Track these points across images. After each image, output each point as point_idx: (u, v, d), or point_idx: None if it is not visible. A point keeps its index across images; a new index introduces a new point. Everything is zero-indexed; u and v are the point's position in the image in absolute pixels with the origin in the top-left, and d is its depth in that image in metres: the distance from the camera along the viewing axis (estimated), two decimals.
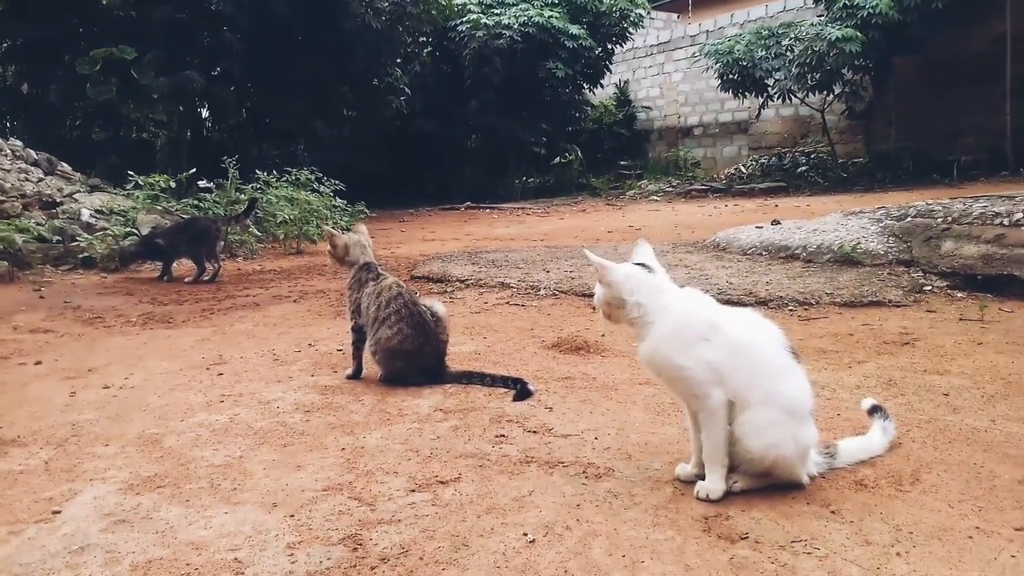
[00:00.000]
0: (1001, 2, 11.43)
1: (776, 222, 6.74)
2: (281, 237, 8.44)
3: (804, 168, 14.00)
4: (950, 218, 5.01)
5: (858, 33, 11.23)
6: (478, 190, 15.47)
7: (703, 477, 1.98)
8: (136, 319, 4.78)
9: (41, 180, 8.80)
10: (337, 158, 13.72)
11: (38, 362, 3.70)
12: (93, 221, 7.70)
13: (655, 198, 13.87)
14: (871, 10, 11.20)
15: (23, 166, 9.02)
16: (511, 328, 4.13)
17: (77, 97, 11.99)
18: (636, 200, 13.91)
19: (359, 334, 3.23)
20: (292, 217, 8.31)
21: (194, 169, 8.84)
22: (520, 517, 1.89)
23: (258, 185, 8.80)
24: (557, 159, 16.47)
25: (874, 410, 2.27)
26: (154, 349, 3.94)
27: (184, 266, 6.69)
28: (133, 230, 7.37)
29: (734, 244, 6.18)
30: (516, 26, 14.72)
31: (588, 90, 17.04)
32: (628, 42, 17.03)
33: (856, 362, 3.22)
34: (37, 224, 7.32)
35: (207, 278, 6.29)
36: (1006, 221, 4.68)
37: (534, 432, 2.51)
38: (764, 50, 12.79)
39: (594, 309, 2.17)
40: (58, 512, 1.99)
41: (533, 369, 3.29)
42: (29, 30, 11.91)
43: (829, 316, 4.08)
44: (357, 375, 3.25)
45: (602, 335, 3.79)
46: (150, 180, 8.32)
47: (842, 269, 5.07)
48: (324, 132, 14.10)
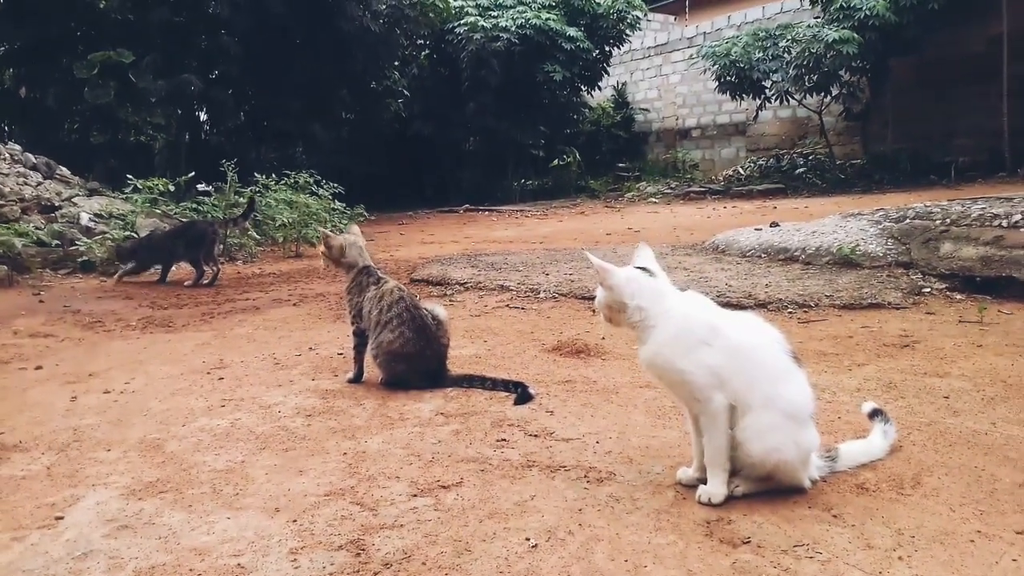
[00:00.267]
0: (997, 3, 11.46)
1: (775, 224, 6.75)
2: (280, 240, 8.44)
3: (802, 170, 14.02)
4: (948, 220, 5.02)
5: (855, 35, 11.26)
6: (476, 192, 15.48)
7: (705, 481, 1.99)
8: (136, 323, 4.78)
9: (40, 184, 8.79)
10: (335, 161, 13.73)
11: (39, 367, 3.70)
12: (92, 225, 7.70)
13: (653, 200, 13.88)
14: (868, 11, 11.23)
15: (22, 170, 9.01)
16: (511, 331, 4.14)
17: (75, 101, 11.96)
18: (634, 202, 13.92)
19: (360, 338, 3.23)
20: (291, 220, 8.31)
21: (193, 173, 8.83)
22: (522, 522, 1.89)
23: (257, 188, 8.79)
24: (555, 161, 16.48)
25: (875, 414, 2.28)
26: (154, 353, 3.94)
27: (183, 269, 6.68)
28: (132, 233, 7.37)
29: (733, 246, 6.19)
30: (513, 28, 14.73)
31: (586, 92, 17.05)
32: (625, 44, 17.05)
33: (856, 365, 3.22)
34: (36, 228, 7.32)
35: (206, 281, 6.29)
36: (1004, 223, 4.69)
37: (535, 436, 2.51)
38: (761, 52, 12.81)
39: (595, 312, 2.18)
40: (61, 518, 1.99)
41: (534, 372, 3.29)
42: (27, 33, 11.90)
43: (829, 318, 4.09)
44: (358, 379, 3.25)
45: (602, 338, 3.80)
46: (149, 184, 8.32)
47: (841, 271, 5.08)
48: (322, 135, 14.11)
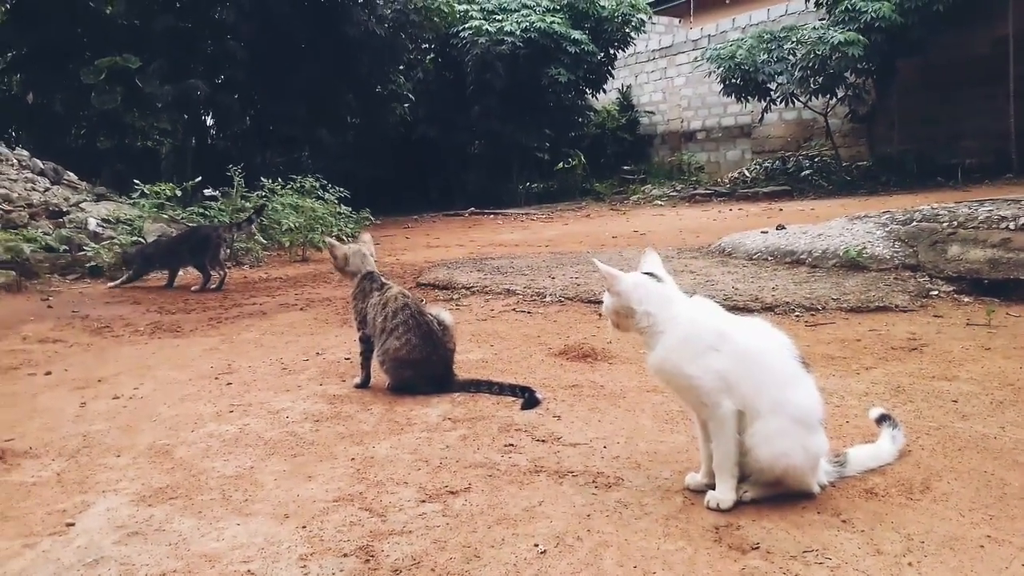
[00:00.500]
0: (1003, 5, 11.43)
1: (781, 227, 6.74)
2: (287, 245, 8.46)
3: (808, 172, 14.00)
4: (956, 222, 5.01)
5: (860, 36, 11.25)
6: (482, 195, 15.50)
7: (713, 486, 1.98)
8: (144, 328, 4.80)
9: (48, 189, 8.84)
10: (341, 165, 13.78)
11: (48, 372, 3.72)
12: (100, 230, 7.74)
13: (659, 203, 13.87)
14: (873, 13, 11.22)
15: (30, 176, 9.07)
16: (517, 335, 4.14)
17: (82, 106, 12.05)
18: (640, 205, 13.92)
19: (367, 344, 3.24)
20: (297, 225, 8.33)
21: (199, 178, 8.87)
22: (531, 528, 1.89)
23: (263, 193, 8.82)
24: (560, 164, 16.50)
25: (882, 419, 2.27)
26: (163, 359, 3.96)
27: (191, 274, 6.71)
28: (139, 239, 7.40)
29: (739, 249, 6.18)
30: (518, 32, 14.76)
31: (591, 95, 17.07)
32: (630, 47, 17.07)
33: (864, 368, 3.22)
34: (44, 234, 7.36)
35: (213, 286, 6.31)
36: (1012, 225, 4.68)
37: (543, 441, 2.51)
38: (766, 54, 12.81)
39: (601, 316, 2.18)
40: (72, 524, 2.00)
41: (540, 377, 3.30)
42: (33, 39, 12.00)
43: (836, 321, 4.08)
44: (365, 384, 3.26)
45: (609, 342, 3.80)
46: (156, 189, 8.36)
47: (848, 274, 5.07)
48: (328, 139, 14.16)
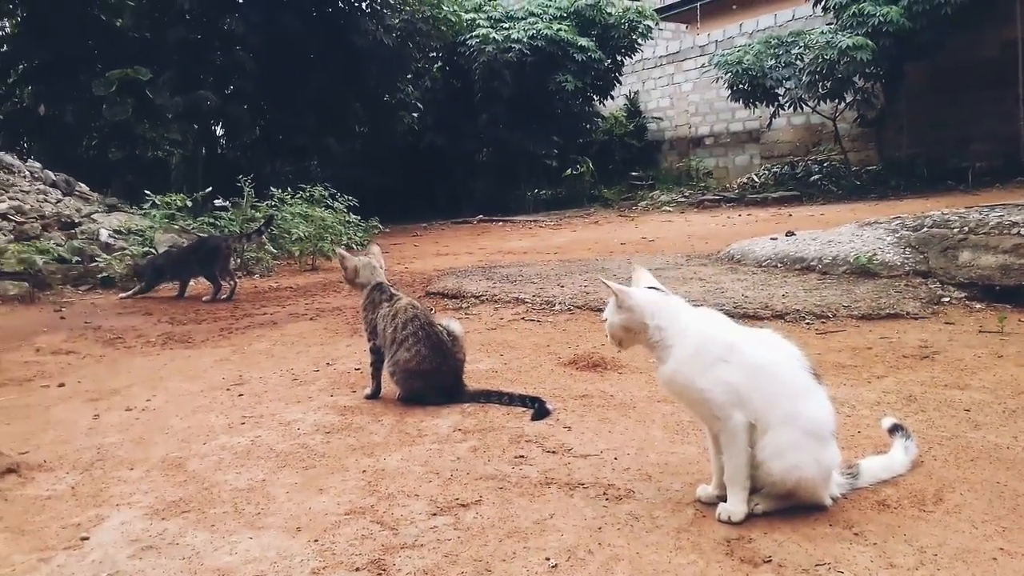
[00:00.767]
0: (1011, 8, 11.39)
1: (790, 233, 6.72)
2: (296, 254, 8.50)
3: (817, 177, 13.95)
4: (967, 228, 4.98)
5: (869, 41, 11.21)
6: (490, 203, 15.52)
7: (724, 499, 1.98)
8: (156, 339, 4.83)
9: (60, 201, 8.92)
10: (350, 174, 13.84)
11: (61, 384, 3.75)
12: (111, 241, 7.80)
13: (667, 209, 13.86)
14: (881, 18, 11.18)
15: (42, 187, 9.15)
16: (527, 345, 4.14)
17: (93, 117, 12.16)
18: (648, 211, 13.91)
19: (377, 355, 3.25)
20: (307, 234, 8.37)
21: (210, 188, 8.93)
22: (542, 541, 1.90)
23: (273, 202, 8.88)
24: (568, 171, 16.49)
25: (895, 429, 2.26)
26: (174, 370, 3.98)
27: (202, 284, 6.74)
28: (151, 249, 7.45)
29: (749, 256, 6.17)
30: (525, 39, 14.80)
31: (598, 102, 17.08)
32: (637, 53, 17.08)
33: (875, 377, 3.20)
34: (57, 245, 7.42)
35: (224, 296, 6.35)
36: (1023, 231, 4.65)
37: (553, 452, 2.52)
38: (774, 59, 12.78)
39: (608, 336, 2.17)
40: (86, 538, 2.01)
41: (550, 387, 3.30)
42: (45, 52, 12.13)
43: (847, 329, 4.07)
44: (376, 395, 3.27)
45: (618, 351, 3.79)
46: (167, 199, 8.42)
47: (858, 281, 5.05)
48: (336, 148, 14.24)
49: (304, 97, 13.32)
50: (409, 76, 15.50)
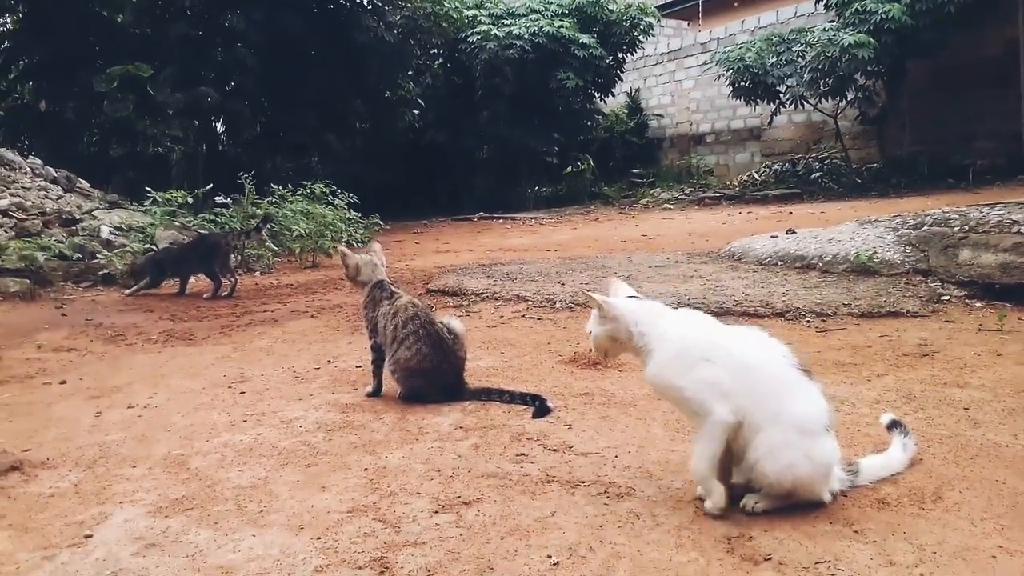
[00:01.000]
0: (1013, 6, 11.37)
1: (791, 231, 6.72)
2: (297, 251, 8.50)
3: (818, 174, 13.95)
4: (967, 226, 4.98)
5: (871, 39, 11.19)
6: (490, 200, 15.51)
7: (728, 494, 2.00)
8: (157, 336, 4.84)
9: (61, 197, 8.92)
10: (350, 170, 13.82)
11: (63, 381, 3.76)
12: (112, 238, 7.80)
13: (668, 206, 13.85)
14: (883, 15, 11.16)
15: (43, 184, 9.16)
16: (528, 343, 4.15)
17: (94, 114, 12.15)
18: (649, 208, 13.90)
19: (378, 352, 3.26)
20: (308, 231, 8.37)
21: (211, 185, 8.93)
22: (543, 539, 1.91)
23: (274, 199, 8.88)
24: (569, 168, 16.48)
25: (893, 425, 2.27)
26: (176, 367, 3.99)
27: (203, 281, 6.75)
28: (152, 246, 7.46)
29: (749, 254, 6.18)
30: (527, 36, 14.78)
31: (599, 99, 17.05)
32: (639, 50, 17.04)
33: (875, 375, 3.21)
34: (58, 241, 7.41)
35: (224, 293, 6.35)
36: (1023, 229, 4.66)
37: (554, 450, 2.53)
38: (775, 56, 12.76)
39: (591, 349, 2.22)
40: (90, 536, 2.02)
41: (551, 385, 3.31)
42: (46, 48, 12.11)
43: (847, 327, 4.08)
44: (377, 392, 3.28)
45: None
46: (167, 196, 8.42)
47: (859, 279, 5.06)
48: (337, 145, 14.21)
49: (305, 94, 13.30)
50: (410, 73, 15.47)
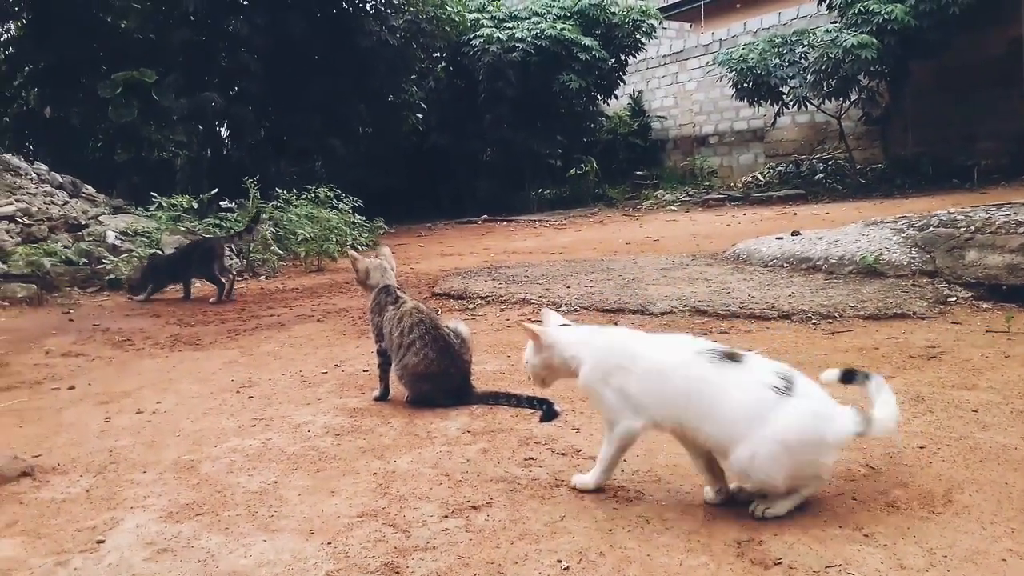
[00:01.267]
0: (1016, 6, 11.37)
1: (796, 233, 6.72)
2: (302, 255, 8.52)
3: (822, 175, 13.95)
4: (973, 227, 4.98)
5: (874, 39, 11.19)
6: (494, 203, 15.53)
7: (729, 495, 2.03)
8: (164, 341, 4.86)
9: (66, 203, 8.95)
10: (354, 174, 13.85)
11: (71, 387, 3.78)
12: (118, 243, 7.83)
13: (672, 208, 13.86)
14: (886, 16, 11.16)
15: (49, 189, 9.19)
16: None
17: (99, 119, 12.19)
18: (653, 210, 13.91)
19: (384, 357, 3.27)
20: (312, 235, 8.40)
21: (215, 189, 8.96)
22: (553, 543, 1.91)
23: (279, 203, 8.91)
24: (572, 170, 16.49)
25: (848, 376, 2.17)
26: (184, 372, 4.01)
27: (208, 287, 6.77)
28: (158, 251, 7.48)
29: (754, 256, 6.18)
30: (529, 39, 14.81)
31: (602, 101, 17.08)
32: (641, 53, 17.07)
33: (883, 377, 3.20)
34: (64, 247, 7.45)
35: (213, 299, 6.39)
36: None
37: (563, 454, 2.53)
38: (778, 58, 12.77)
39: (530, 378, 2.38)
40: (102, 541, 2.03)
41: (558, 388, 3.29)
42: (51, 54, 12.16)
43: (853, 329, 4.07)
44: (384, 397, 3.29)
45: None
46: (172, 201, 8.46)
47: (865, 281, 5.05)
48: (341, 149, 14.25)
49: (309, 98, 13.34)
50: (413, 77, 15.51)
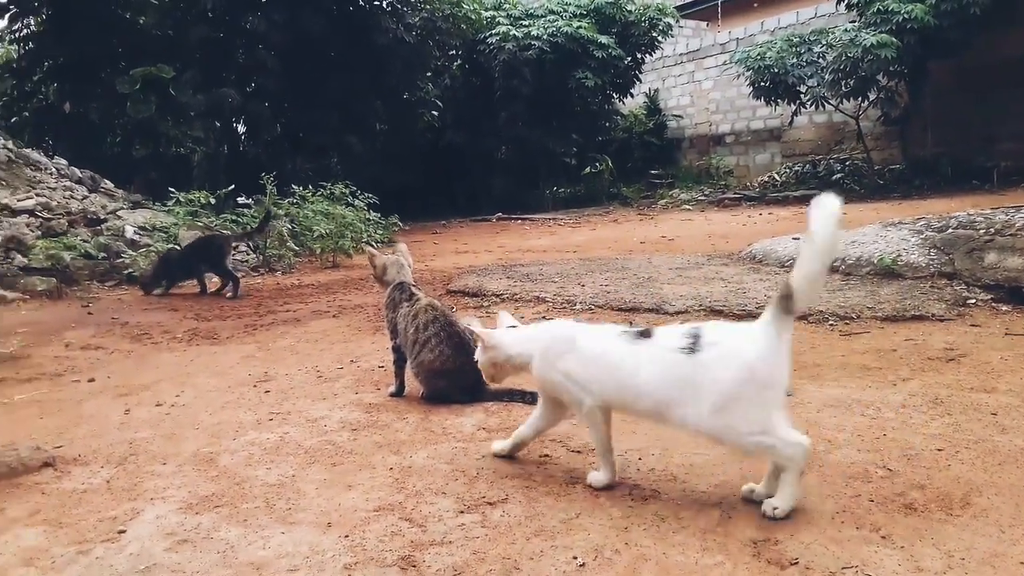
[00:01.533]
0: None
1: None
2: (318, 251, 8.57)
3: (839, 176, 13.86)
4: (992, 229, 4.93)
5: (893, 39, 11.11)
6: (509, 201, 15.55)
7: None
8: (182, 335, 4.90)
9: (86, 197, 9.05)
10: (369, 171, 13.91)
11: (91, 379, 3.82)
12: (137, 238, 7.90)
13: (687, 207, 13.82)
14: (906, 15, 11.07)
15: (68, 184, 9.30)
16: None
17: (117, 115, 12.31)
18: (668, 209, 13.87)
19: (399, 353, 3.28)
20: (328, 231, 8.44)
21: (232, 185, 9.03)
22: (569, 540, 1.92)
23: (295, 200, 8.96)
24: (587, 169, 16.49)
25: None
26: (201, 366, 4.04)
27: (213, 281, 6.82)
28: (175, 246, 7.54)
29: (771, 256, 6.15)
30: (545, 37, 14.81)
31: (618, 100, 17.05)
32: (657, 51, 17.03)
33: (900, 379, 3.19)
34: (83, 241, 7.53)
35: (229, 293, 6.43)
36: None
37: (578, 452, 2.54)
38: (796, 57, 12.71)
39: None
40: (123, 532, 2.06)
41: None
42: (70, 50, 12.29)
43: (871, 331, 4.05)
44: (400, 392, 3.31)
45: None
46: (190, 196, 8.52)
47: (883, 282, 5.02)
48: (357, 146, 14.31)
49: (325, 95, 13.41)
50: (429, 74, 15.55)
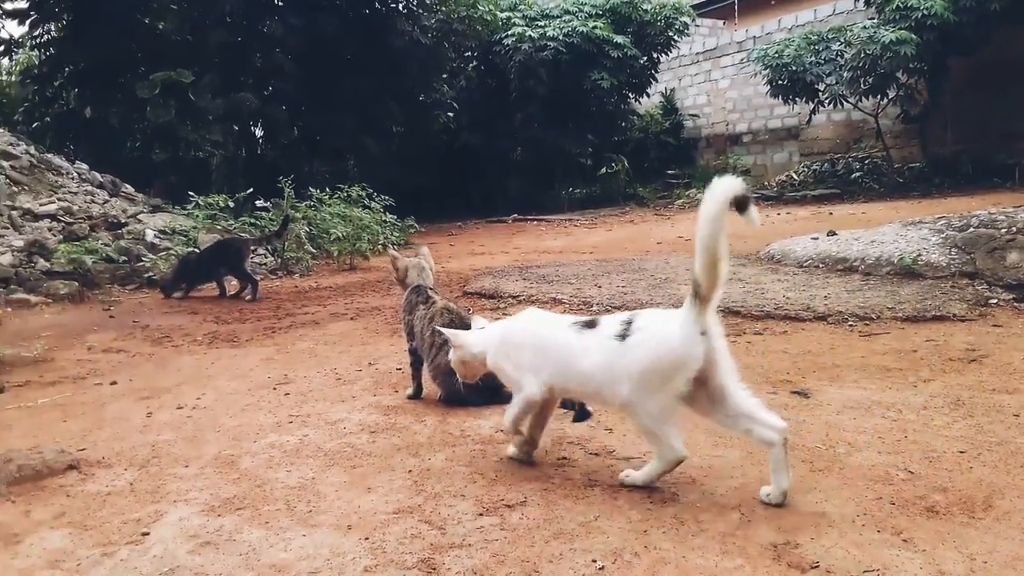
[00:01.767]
0: None
1: (832, 233, 6.63)
2: (335, 254, 8.62)
3: (858, 174, 13.72)
4: (1014, 228, 4.88)
5: (912, 35, 10.98)
6: (524, 202, 15.53)
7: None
8: (202, 338, 4.95)
9: (107, 202, 9.16)
10: (386, 173, 13.96)
11: (113, 382, 3.87)
12: (157, 241, 7.99)
13: None
14: (925, 11, 10.93)
15: (89, 188, 9.42)
16: None
17: (137, 120, 12.46)
18: (685, 209, 13.80)
19: (416, 356, 3.30)
20: (345, 234, 8.49)
21: (251, 189, 9.11)
22: (588, 543, 1.92)
23: (312, 202, 9.02)
24: (603, 169, 16.43)
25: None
26: (221, 368, 4.08)
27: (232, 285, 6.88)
28: (195, 249, 7.62)
29: (789, 256, 6.11)
30: (560, 37, 14.78)
31: (634, 99, 16.98)
32: (673, 50, 16.93)
33: (921, 380, 3.16)
34: (104, 245, 7.62)
35: (248, 296, 6.49)
36: None
37: (596, 455, 2.54)
38: (814, 55, 12.59)
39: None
40: (147, 534, 2.09)
41: None
42: (90, 56, 12.45)
43: (891, 331, 4.01)
44: (417, 395, 3.32)
45: None
46: (209, 200, 8.61)
47: (903, 282, 4.98)
48: (373, 148, 14.37)
49: (342, 98, 13.48)
50: (445, 76, 15.59)
